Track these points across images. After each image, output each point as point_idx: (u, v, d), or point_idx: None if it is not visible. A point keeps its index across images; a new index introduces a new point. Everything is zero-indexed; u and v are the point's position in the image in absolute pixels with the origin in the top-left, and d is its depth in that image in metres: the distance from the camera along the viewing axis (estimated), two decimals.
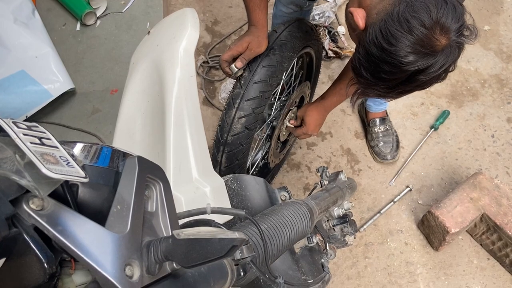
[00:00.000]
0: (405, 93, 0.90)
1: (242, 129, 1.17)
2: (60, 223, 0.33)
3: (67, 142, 0.41)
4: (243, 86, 1.16)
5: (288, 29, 1.24)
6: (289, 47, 1.22)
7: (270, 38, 1.21)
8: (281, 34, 1.22)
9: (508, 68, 2.17)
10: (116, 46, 2.28)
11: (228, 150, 1.20)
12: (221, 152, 1.21)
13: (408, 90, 0.88)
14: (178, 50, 0.70)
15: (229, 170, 1.22)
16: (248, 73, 1.16)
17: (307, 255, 0.84)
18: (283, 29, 1.23)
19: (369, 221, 1.64)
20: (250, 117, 1.16)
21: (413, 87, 0.87)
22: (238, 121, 1.16)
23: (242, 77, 1.17)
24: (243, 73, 1.17)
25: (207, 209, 0.47)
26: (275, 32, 1.23)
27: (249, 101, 1.15)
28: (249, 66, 1.18)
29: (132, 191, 0.39)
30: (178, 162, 0.64)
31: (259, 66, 1.16)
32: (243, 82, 1.16)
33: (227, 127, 1.18)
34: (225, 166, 1.22)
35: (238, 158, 1.22)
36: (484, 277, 1.49)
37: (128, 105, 0.74)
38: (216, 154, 1.23)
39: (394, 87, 0.87)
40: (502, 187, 1.46)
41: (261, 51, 1.19)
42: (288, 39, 1.22)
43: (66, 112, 2.01)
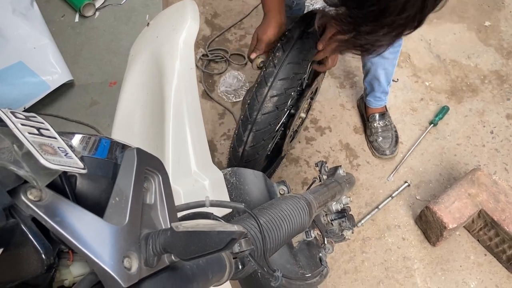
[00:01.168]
0: (382, 27, 0.73)
1: (273, 108, 1.15)
2: (58, 214, 0.33)
3: (65, 133, 0.41)
4: (276, 66, 1.13)
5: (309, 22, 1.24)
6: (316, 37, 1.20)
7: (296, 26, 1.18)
8: (312, 20, 1.19)
9: (508, 64, 2.16)
10: (115, 38, 2.27)
11: (256, 129, 1.17)
12: (249, 131, 1.18)
13: (382, 11, 0.69)
14: (178, 42, 0.69)
15: (254, 150, 1.21)
16: (282, 53, 1.14)
17: (305, 249, 0.85)
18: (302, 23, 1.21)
19: (367, 216, 1.65)
20: (281, 97, 1.14)
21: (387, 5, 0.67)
22: (270, 99, 1.14)
23: (275, 57, 1.15)
24: (274, 56, 1.15)
25: (206, 202, 0.47)
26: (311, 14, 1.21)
27: (282, 81, 1.12)
28: (283, 46, 1.15)
29: (131, 183, 0.39)
30: (177, 155, 0.64)
31: (293, 48, 1.14)
32: (277, 62, 1.14)
33: (258, 105, 1.15)
34: (250, 146, 1.20)
35: (265, 138, 1.20)
36: (481, 272, 1.49)
37: (127, 98, 0.74)
38: (242, 133, 1.20)
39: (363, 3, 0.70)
40: (500, 183, 1.46)
41: (270, 37, 1.18)
42: (310, 29, 1.20)
43: (64, 104, 2.00)
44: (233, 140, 1.24)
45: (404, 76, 2.13)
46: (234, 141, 1.23)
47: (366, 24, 0.73)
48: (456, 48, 2.25)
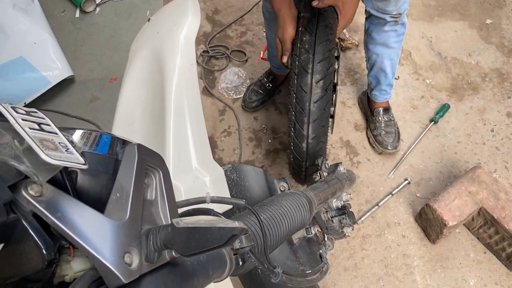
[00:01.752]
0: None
1: (322, 93, 1.12)
2: (59, 209, 0.33)
3: (66, 129, 0.40)
4: (309, 50, 1.10)
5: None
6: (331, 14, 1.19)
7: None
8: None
9: (509, 62, 2.16)
10: (116, 34, 2.27)
11: (314, 118, 1.14)
12: (307, 124, 1.15)
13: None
14: (179, 38, 0.69)
15: (317, 140, 1.18)
16: (309, 36, 1.11)
17: (305, 245, 0.85)
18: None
19: (367, 213, 1.65)
20: (326, 78, 1.11)
21: None
22: (316, 85, 1.11)
23: (305, 42, 1.13)
24: (302, 41, 1.13)
25: (206, 198, 0.47)
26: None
27: (321, 63, 1.10)
28: (307, 29, 1.12)
29: (132, 179, 0.39)
30: (177, 151, 0.63)
31: (318, 27, 1.11)
32: (308, 46, 1.11)
33: (307, 95, 1.12)
34: (312, 137, 1.17)
35: (323, 125, 1.18)
36: (480, 270, 1.50)
37: (128, 94, 0.74)
38: (300, 128, 1.17)
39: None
40: (500, 181, 1.46)
41: (291, 34, 1.16)
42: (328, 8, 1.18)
43: (64, 99, 2.00)
44: (293, 138, 1.20)
45: (405, 74, 2.12)
46: (294, 139, 1.20)
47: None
48: (457, 45, 2.25)
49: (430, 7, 2.43)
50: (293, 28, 1.17)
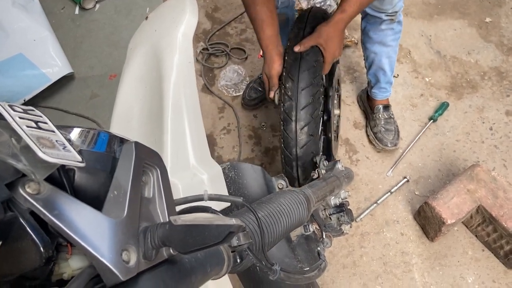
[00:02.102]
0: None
1: (308, 138, 1.14)
2: (56, 207, 0.33)
3: (64, 127, 0.41)
4: (292, 97, 1.12)
5: (308, 23, 1.21)
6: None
7: (294, 39, 1.17)
8: (305, 31, 1.18)
9: (509, 61, 2.16)
10: (115, 31, 2.26)
11: (302, 163, 1.18)
12: (295, 167, 1.19)
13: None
14: (177, 36, 0.69)
15: (309, 181, 1.21)
16: (292, 83, 1.12)
17: (304, 243, 0.85)
18: (304, 26, 1.20)
19: (366, 211, 1.65)
20: (310, 124, 1.13)
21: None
22: (301, 132, 1.13)
23: (288, 89, 1.14)
24: (286, 88, 1.15)
25: (204, 196, 0.47)
26: (298, 30, 1.20)
27: (305, 109, 1.11)
28: (289, 75, 1.14)
29: (129, 176, 0.39)
30: (175, 149, 0.64)
31: (301, 72, 1.12)
32: (291, 93, 1.12)
33: (293, 141, 1.15)
34: (303, 178, 1.21)
35: (311, 166, 1.20)
36: (478, 268, 1.50)
37: (126, 91, 0.74)
38: (290, 172, 1.21)
39: None
40: (499, 180, 1.46)
41: (278, 70, 1.18)
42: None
43: (64, 96, 2.00)
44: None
45: (405, 72, 2.12)
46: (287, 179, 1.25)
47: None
48: (456, 44, 2.24)
49: (429, 5, 2.43)
50: (280, 65, 1.19)
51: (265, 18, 1.13)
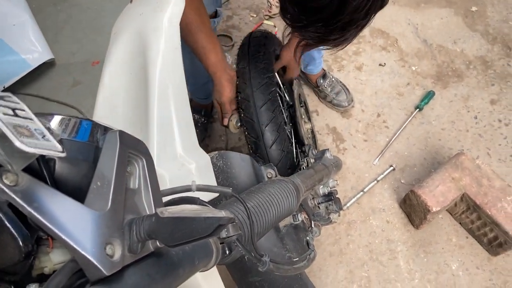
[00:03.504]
0: (349, 31, 0.77)
1: (280, 155, 1.11)
2: (35, 199, 0.31)
3: (44, 115, 0.39)
4: (253, 118, 1.09)
5: (250, 49, 1.19)
6: (263, 58, 1.17)
7: (241, 58, 1.16)
8: (249, 56, 1.16)
9: (494, 50, 2.17)
10: (99, 16, 2.20)
11: None
12: None
13: (348, 23, 0.73)
14: (163, 21, 0.67)
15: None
16: (248, 103, 1.10)
17: (292, 232, 0.85)
18: (247, 53, 1.18)
19: (353, 199, 1.66)
20: (278, 139, 1.09)
21: (352, 18, 0.71)
22: (270, 150, 1.09)
23: (245, 112, 1.12)
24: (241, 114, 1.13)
25: (192, 187, 0.45)
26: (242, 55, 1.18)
27: (268, 126, 1.08)
28: (244, 97, 1.11)
29: (113, 167, 0.37)
30: (162, 138, 0.62)
31: (254, 91, 1.09)
32: (250, 115, 1.10)
33: (266, 161, 1.12)
34: None
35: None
36: (462, 254, 1.53)
37: (110, 78, 0.71)
38: None
39: (329, 21, 0.73)
40: (483, 168, 1.48)
41: (229, 96, 1.15)
42: (258, 54, 1.17)
43: (45, 83, 1.95)
44: None
45: (391, 61, 2.13)
46: None
47: (335, 35, 0.77)
48: (442, 33, 2.25)
49: None
50: (230, 90, 1.14)
51: (205, 45, 1.08)
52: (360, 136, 1.87)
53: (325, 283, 1.49)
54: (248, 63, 1.13)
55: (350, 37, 0.79)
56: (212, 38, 1.09)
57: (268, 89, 1.09)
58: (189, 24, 1.02)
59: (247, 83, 1.08)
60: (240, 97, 1.10)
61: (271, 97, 1.07)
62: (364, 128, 1.89)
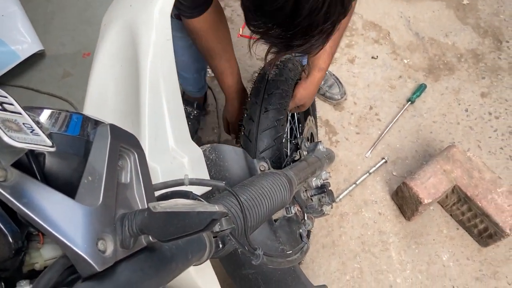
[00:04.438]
0: (313, 37, 0.75)
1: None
2: (25, 195, 0.30)
3: (33, 108, 0.38)
4: (252, 140, 1.03)
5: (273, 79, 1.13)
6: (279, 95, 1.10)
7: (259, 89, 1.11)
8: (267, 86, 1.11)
9: (485, 43, 2.18)
10: (89, 7, 2.17)
11: None
12: None
13: (308, 27, 0.72)
14: (153, 12, 0.65)
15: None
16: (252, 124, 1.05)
17: (285, 225, 0.85)
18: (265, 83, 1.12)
19: (345, 191, 1.67)
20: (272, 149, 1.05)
21: (310, 21, 0.70)
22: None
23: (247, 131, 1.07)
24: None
25: (184, 181, 0.45)
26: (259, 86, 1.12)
27: (263, 153, 1.03)
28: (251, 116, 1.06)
29: (104, 161, 0.37)
30: (153, 131, 0.61)
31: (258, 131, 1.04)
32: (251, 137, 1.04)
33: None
34: None
35: None
36: (453, 246, 1.55)
37: (100, 70, 0.70)
38: None
39: (288, 25, 0.72)
40: (474, 160, 1.49)
41: (235, 118, 1.19)
42: (276, 87, 1.11)
43: (35, 75, 1.92)
44: None
45: (384, 53, 2.13)
46: None
47: (298, 39, 0.76)
48: (434, 26, 2.26)
49: None
50: (241, 112, 1.17)
51: (223, 70, 1.16)
52: (353, 129, 1.87)
53: (318, 274, 1.51)
54: (261, 101, 1.07)
55: (317, 44, 0.79)
56: (231, 62, 1.18)
57: (275, 133, 1.05)
58: (211, 50, 1.12)
59: (254, 121, 1.04)
60: (243, 132, 1.05)
61: (275, 144, 1.04)
62: (357, 121, 1.90)
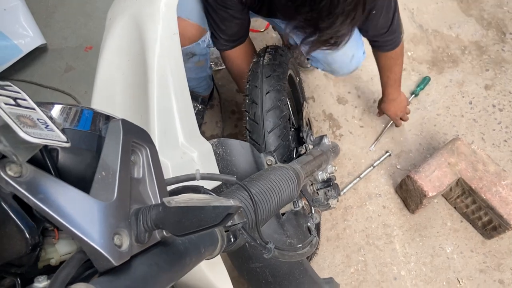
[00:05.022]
0: (338, 19, 0.82)
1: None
2: (41, 190, 0.30)
3: (44, 104, 0.38)
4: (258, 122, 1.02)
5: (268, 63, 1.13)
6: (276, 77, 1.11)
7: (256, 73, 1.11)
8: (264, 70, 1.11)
9: (488, 35, 2.17)
10: (90, 0, 2.15)
11: None
12: None
13: (332, 4, 0.78)
14: (159, 6, 0.65)
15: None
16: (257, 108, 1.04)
17: (293, 218, 0.85)
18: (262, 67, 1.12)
19: (349, 185, 1.67)
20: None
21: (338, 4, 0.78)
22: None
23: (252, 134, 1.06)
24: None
25: (196, 175, 0.45)
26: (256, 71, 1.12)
27: (272, 132, 1.02)
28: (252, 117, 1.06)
29: (118, 156, 0.37)
30: (163, 126, 0.61)
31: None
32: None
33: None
34: None
35: None
36: (456, 238, 1.55)
37: (107, 65, 0.69)
38: None
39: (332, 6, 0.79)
40: (478, 153, 1.49)
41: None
42: (272, 70, 1.12)
43: (37, 69, 1.91)
44: None
45: None
46: None
47: (323, 20, 0.83)
48: (438, 17, 2.24)
49: None
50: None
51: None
52: (356, 122, 1.87)
53: (323, 267, 1.51)
54: (262, 84, 1.07)
55: (342, 29, 0.86)
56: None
57: (279, 113, 1.04)
58: (243, 73, 1.24)
59: (257, 103, 1.04)
60: (248, 117, 1.05)
61: (281, 122, 1.03)
62: (360, 114, 1.89)
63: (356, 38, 1.40)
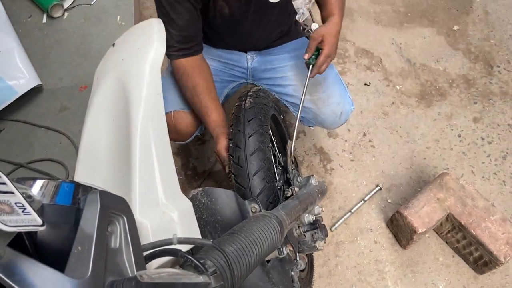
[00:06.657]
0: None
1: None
2: (17, 272, 0.32)
3: (25, 180, 0.40)
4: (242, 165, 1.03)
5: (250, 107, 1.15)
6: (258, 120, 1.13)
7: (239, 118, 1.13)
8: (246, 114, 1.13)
9: (476, 68, 2.23)
10: (85, 40, 2.21)
11: None
12: None
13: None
14: (144, 68, 0.68)
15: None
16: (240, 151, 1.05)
17: (278, 265, 0.85)
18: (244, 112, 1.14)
19: (340, 220, 1.67)
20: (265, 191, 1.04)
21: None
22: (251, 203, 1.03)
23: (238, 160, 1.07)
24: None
25: (173, 240, 0.46)
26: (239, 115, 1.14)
27: (256, 175, 1.02)
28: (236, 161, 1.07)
29: (94, 229, 0.38)
30: (144, 185, 0.63)
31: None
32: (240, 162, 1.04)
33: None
34: None
35: None
36: (449, 274, 1.55)
37: (93, 123, 0.72)
38: None
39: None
40: (467, 188, 1.51)
41: (223, 145, 1.18)
42: (254, 114, 1.13)
43: (32, 109, 1.94)
44: None
45: (376, 80, 2.17)
46: None
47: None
48: (425, 52, 2.31)
49: (399, 14, 2.49)
50: (225, 139, 1.18)
51: (209, 105, 1.23)
52: (347, 156, 1.89)
53: None
54: (244, 128, 1.09)
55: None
56: (215, 100, 1.26)
57: (263, 155, 1.05)
58: (197, 86, 1.22)
59: (241, 147, 1.05)
60: (232, 161, 1.06)
61: (265, 164, 1.04)
62: (351, 148, 1.92)
63: (343, 95, 1.42)
